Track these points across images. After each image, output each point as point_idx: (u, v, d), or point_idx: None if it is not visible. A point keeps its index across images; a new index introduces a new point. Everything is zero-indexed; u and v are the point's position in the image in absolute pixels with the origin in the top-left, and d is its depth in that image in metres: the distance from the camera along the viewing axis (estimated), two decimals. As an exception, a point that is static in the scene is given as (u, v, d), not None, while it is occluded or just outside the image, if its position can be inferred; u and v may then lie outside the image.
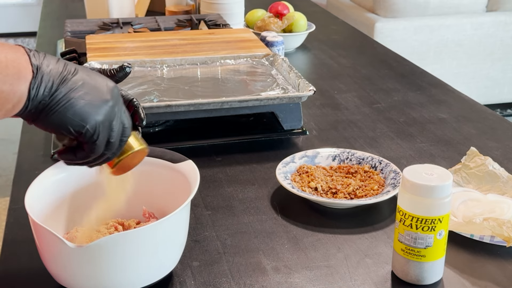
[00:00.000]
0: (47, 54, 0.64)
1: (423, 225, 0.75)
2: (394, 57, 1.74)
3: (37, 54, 0.63)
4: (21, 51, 0.62)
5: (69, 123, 0.63)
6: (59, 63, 0.63)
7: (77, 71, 0.64)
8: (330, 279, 0.80)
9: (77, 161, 0.69)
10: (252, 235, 0.89)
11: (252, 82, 1.25)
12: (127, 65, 0.76)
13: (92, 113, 0.64)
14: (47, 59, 0.63)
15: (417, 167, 0.77)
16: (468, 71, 3.24)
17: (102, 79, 0.67)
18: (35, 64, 0.61)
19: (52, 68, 0.62)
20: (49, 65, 0.62)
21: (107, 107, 0.65)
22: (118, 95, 0.68)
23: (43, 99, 0.62)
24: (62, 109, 0.62)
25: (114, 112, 0.66)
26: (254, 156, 1.13)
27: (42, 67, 0.62)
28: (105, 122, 0.65)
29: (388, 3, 3.10)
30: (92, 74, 0.66)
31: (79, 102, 0.63)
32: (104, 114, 0.65)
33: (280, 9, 1.84)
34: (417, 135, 1.22)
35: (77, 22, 1.79)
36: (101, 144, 0.66)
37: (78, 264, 0.70)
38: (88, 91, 0.64)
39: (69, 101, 0.63)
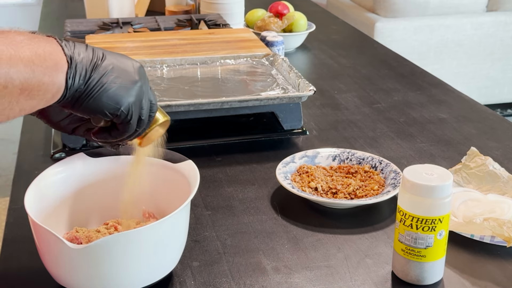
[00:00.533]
0: (76, 43, 0.66)
1: (423, 225, 0.75)
2: (394, 57, 1.74)
3: (68, 44, 0.65)
4: (55, 42, 0.64)
5: (105, 107, 0.66)
6: (88, 50, 0.66)
7: (105, 56, 0.67)
8: (330, 279, 0.80)
9: (111, 140, 0.72)
10: (252, 235, 0.89)
11: (252, 82, 1.25)
12: None
13: (125, 95, 0.67)
14: (77, 48, 0.65)
15: (417, 167, 0.77)
16: (468, 71, 3.24)
17: (128, 60, 0.69)
18: (69, 54, 0.64)
19: (83, 56, 0.65)
20: (80, 53, 0.65)
21: (137, 87, 0.68)
22: (144, 74, 0.70)
23: (79, 87, 0.64)
24: (97, 94, 0.65)
25: (143, 91, 0.69)
26: (254, 156, 1.13)
27: (75, 57, 0.64)
28: (136, 102, 0.68)
29: (388, 3, 3.10)
30: (119, 56, 0.69)
31: (112, 86, 0.66)
32: (135, 95, 0.68)
33: (280, 9, 1.84)
34: (417, 135, 1.22)
35: (77, 22, 1.79)
36: (134, 122, 0.70)
37: (78, 264, 0.70)
38: (118, 74, 0.67)
39: (102, 86, 0.65)
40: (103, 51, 0.68)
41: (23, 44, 0.60)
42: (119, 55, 0.69)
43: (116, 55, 0.69)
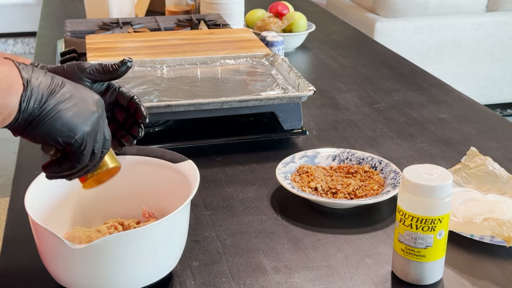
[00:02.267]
0: (34, 68, 0.65)
1: (423, 225, 0.75)
2: (394, 57, 1.74)
3: (26, 67, 0.64)
4: (11, 65, 0.63)
5: (58, 134, 0.65)
6: (47, 76, 0.65)
7: (64, 84, 0.66)
8: (330, 279, 0.80)
9: (62, 173, 0.70)
10: (252, 235, 0.89)
11: (252, 82, 1.25)
12: (128, 59, 0.76)
13: (80, 123, 0.65)
14: (35, 73, 0.64)
15: (417, 167, 0.77)
16: (468, 71, 3.24)
17: (87, 91, 0.68)
18: (25, 77, 0.62)
19: (41, 81, 0.64)
20: (38, 78, 0.64)
21: (94, 118, 0.66)
22: (103, 107, 0.69)
23: (33, 111, 0.63)
24: (51, 120, 0.64)
25: (100, 123, 0.67)
26: (254, 156, 1.13)
27: (32, 80, 0.63)
28: (92, 133, 0.67)
29: (388, 3, 3.10)
30: (78, 86, 0.67)
31: (68, 113, 0.64)
32: (91, 125, 0.66)
33: (280, 9, 1.84)
34: (417, 135, 1.22)
35: (77, 22, 1.79)
36: (87, 154, 0.67)
37: (78, 264, 0.70)
38: (76, 102, 0.65)
39: (58, 112, 0.64)
40: (63, 79, 0.66)
41: None
42: (79, 85, 0.68)
43: (76, 85, 0.67)
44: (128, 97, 0.78)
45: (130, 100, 0.78)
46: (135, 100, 0.78)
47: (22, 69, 0.63)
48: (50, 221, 0.78)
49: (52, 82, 0.65)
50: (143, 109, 0.78)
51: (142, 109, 0.78)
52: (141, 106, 0.78)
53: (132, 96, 0.78)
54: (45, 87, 0.64)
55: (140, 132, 0.79)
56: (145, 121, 0.78)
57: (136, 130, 0.78)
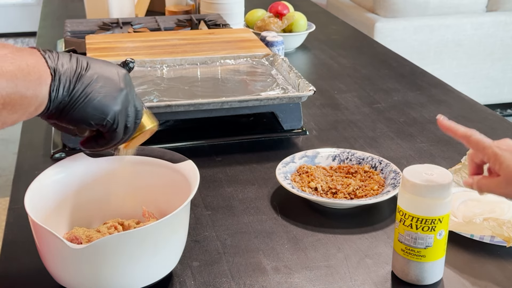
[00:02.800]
0: (59, 53, 0.66)
1: (423, 225, 0.75)
2: (394, 57, 1.74)
3: (51, 55, 0.65)
4: (38, 55, 0.63)
5: (90, 117, 0.66)
6: (72, 61, 0.66)
7: (90, 65, 0.66)
8: (330, 279, 0.80)
9: (99, 148, 0.72)
10: (252, 235, 0.89)
11: (252, 82, 1.25)
12: (130, 60, 0.77)
13: (110, 104, 0.67)
14: (61, 59, 0.65)
15: (417, 167, 0.77)
16: (468, 71, 3.24)
17: (114, 68, 0.69)
18: (52, 66, 0.63)
19: (67, 67, 0.65)
20: (63, 64, 0.64)
21: (122, 95, 0.68)
22: (130, 82, 0.71)
23: (63, 99, 0.64)
24: (81, 105, 0.65)
25: (128, 99, 0.69)
26: (254, 156, 1.13)
27: (58, 68, 0.64)
28: (122, 111, 0.68)
29: (388, 3, 3.10)
30: (104, 64, 0.68)
31: (97, 96, 0.66)
32: (120, 103, 0.68)
33: (280, 9, 1.84)
34: (417, 135, 1.22)
35: (77, 22, 1.79)
36: (121, 130, 0.70)
37: (78, 264, 0.70)
38: (103, 83, 0.67)
39: (87, 96, 0.65)
40: (88, 59, 0.67)
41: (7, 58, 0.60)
42: (104, 62, 0.69)
43: (101, 63, 0.68)
44: None
45: None
46: None
47: (48, 58, 0.64)
48: (50, 221, 0.77)
49: (78, 65, 0.66)
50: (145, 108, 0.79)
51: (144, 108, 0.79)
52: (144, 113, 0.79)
53: None
54: (71, 73, 0.65)
55: None
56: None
57: None
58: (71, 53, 0.67)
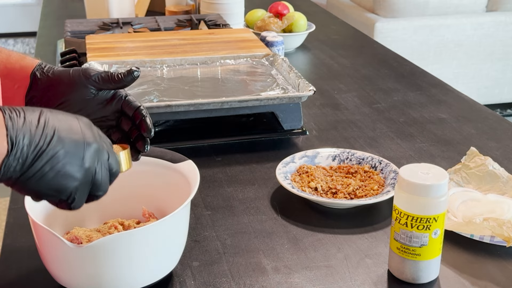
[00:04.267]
0: (26, 113, 0.57)
1: (418, 224, 0.75)
2: (394, 57, 1.74)
3: (16, 119, 0.56)
4: (1, 132, 0.55)
5: (42, 194, 0.59)
6: (38, 130, 0.57)
7: (55, 135, 0.58)
8: (330, 279, 0.80)
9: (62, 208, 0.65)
10: (252, 235, 0.89)
11: (252, 82, 1.25)
12: (135, 69, 0.74)
13: (68, 181, 0.59)
14: (26, 125, 0.56)
15: (413, 166, 0.77)
16: (468, 71, 3.24)
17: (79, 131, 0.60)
18: (12, 137, 0.55)
19: (29, 140, 0.56)
20: (25, 134, 0.56)
21: (84, 169, 0.60)
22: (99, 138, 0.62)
23: (13, 175, 0.56)
24: (34, 183, 0.57)
25: (91, 172, 0.61)
26: (254, 156, 1.13)
27: (18, 141, 0.55)
28: (83, 185, 0.61)
29: (388, 3, 3.10)
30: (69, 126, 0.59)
31: (53, 173, 0.58)
32: (80, 179, 0.60)
33: (280, 9, 1.84)
34: (417, 135, 1.22)
35: (77, 22, 1.79)
36: (81, 201, 0.62)
37: (78, 264, 0.70)
38: (64, 156, 0.58)
39: (43, 175, 0.57)
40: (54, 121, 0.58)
41: None
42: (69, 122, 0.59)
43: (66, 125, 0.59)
44: (134, 107, 0.76)
45: (136, 111, 0.76)
46: (141, 111, 0.76)
47: (10, 125, 0.55)
48: (50, 221, 0.78)
49: (42, 137, 0.57)
50: (148, 121, 0.75)
51: (148, 121, 0.75)
52: (146, 118, 0.75)
53: (138, 107, 0.76)
54: (32, 149, 0.56)
55: (146, 147, 0.76)
56: (150, 135, 0.75)
57: (141, 144, 0.76)
58: (39, 114, 0.58)
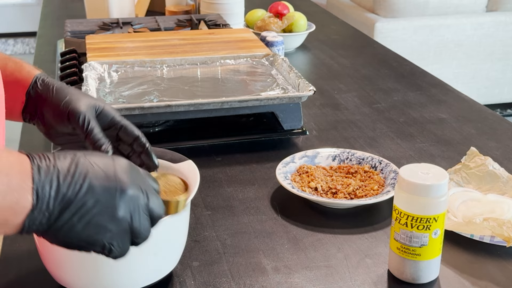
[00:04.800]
0: (57, 161, 0.53)
1: (418, 224, 0.75)
2: (394, 57, 1.74)
3: (44, 169, 0.52)
4: (26, 169, 0.51)
5: (75, 246, 0.56)
6: (67, 177, 0.53)
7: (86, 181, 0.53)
8: (330, 279, 0.80)
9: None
10: (252, 235, 0.89)
11: (252, 82, 1.25)
12: (108, 150, 0.73)
13: (99, 234, 0.55)
14: (54, 174, 0.52)
15: (413, 166, 0.77)
16: (468, 71, 3.24)
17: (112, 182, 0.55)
18: (38, 190, 0.51)
19: (56, 190, 0.52)
20: (53, 184, 0.52)
21: (116, 220, 0.55)
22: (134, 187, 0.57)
23: (41, 228, 0.53)
24: (63, 235, 0.54)
25: (126, 220, 0.57)
26: (254, 156, 1.13)
27: (44, 193, 0.51)
28: (119, 234, 0.57)
29: (388, 3, 3.10)
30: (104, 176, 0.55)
31: (82, 225, 0.54)
32: (113, 230, 0.56)
33: (280, 9, 1.84)
34: (417, 135, 1.22)
35: (77, 22, 1.79)
36: (122, 250, 0.59)
37: (78, 264, 0.70)
38: (95, 209, 0.54)
39: (71, 227, 0.54)
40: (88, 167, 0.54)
41: None
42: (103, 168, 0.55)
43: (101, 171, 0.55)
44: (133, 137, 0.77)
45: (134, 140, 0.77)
46: (141, 142, 0.77)
47: (35, 176, 0.51)
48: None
49: (71, 186, 0.53)
50: (153, 157, 0.77)
51: (153, 157, 0.77)
52: (152, 155, 0.76)
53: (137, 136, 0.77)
54: (60, 199, 0.52)
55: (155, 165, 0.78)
56: (156, 169, 0.76)
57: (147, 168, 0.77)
58: (71, 161, 0.54)
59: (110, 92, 1.18)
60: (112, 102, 1.13)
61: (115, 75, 1.26)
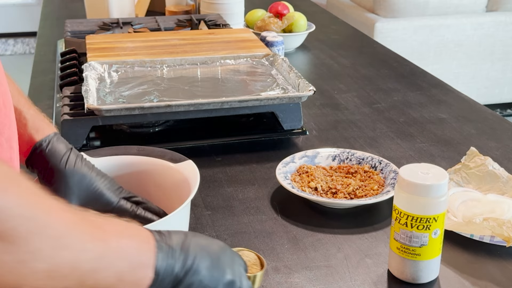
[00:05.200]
0: (173, 240, 0.57)
1: (418, 224, 0.75)
2: (394, 57, 1.74)
3: (164, 247, 0.55)
4: (152, 245, 0.55)
5: None
6: (179, 256, 0.56)
7: (195, 261, 0.57)
8: (330, 279, 0.80)
9: None
10: (252, 235, 0.89)
11: (252, 82, 1.25)
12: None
13: None
14: (169, 253, 0.56)
15: (413, 166, 0.77)
16: (468, 71, 3.24)
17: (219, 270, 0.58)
18: (158, 269, 0.54)
19: (171, 268, 0.55)
20: (169, 262, 0.55)
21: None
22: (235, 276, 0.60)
23: None
24: None
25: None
26: (254, 156, 1.13)
27: (162, 271, 0.55)
28: None
29: (388, 3, 3.10)
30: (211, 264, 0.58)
31: None
32: None
33: (280, 9, 1.84)
34: (417, 135, 1.22)
35: (77, 22, 1.79)
36: None
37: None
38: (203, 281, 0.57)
39: None
40: (196, 254, 0.57)
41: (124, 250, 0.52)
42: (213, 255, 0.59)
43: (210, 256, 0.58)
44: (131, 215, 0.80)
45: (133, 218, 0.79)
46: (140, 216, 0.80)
47: (158, 256, 0.54)
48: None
49: (183, 266, 0.56)
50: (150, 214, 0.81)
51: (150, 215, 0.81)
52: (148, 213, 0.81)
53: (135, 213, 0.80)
54: (173, 277, 0.55)
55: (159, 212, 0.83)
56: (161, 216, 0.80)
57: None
58: (183, 242, 0.57)
59: (110, 92, 1.18)
60: (112, 102, 1.13)
61: (115, 75, 1.26)
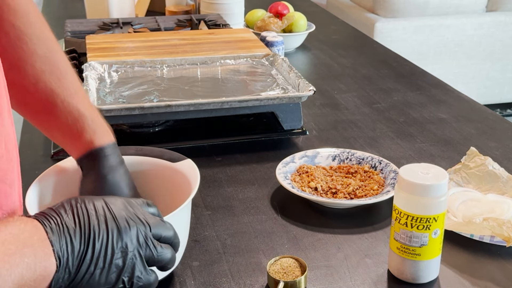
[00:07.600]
0: (63, 218, 0.57)
1: (418, 224, 0.75)
2: (394, 57, 1.74)
3: (55, 229, 0.55)
4: (42, 234, 0.54)
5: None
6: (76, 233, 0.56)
7: (92, 230, 0.57)
8: (330, 279, 0.80)
9: None
10: (252, 235, 0.89)
11: (252, 82, 1.25)
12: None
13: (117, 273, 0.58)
14: (65, 232, 0.56)
15: (413, 166, 0.77)
16: (468, 71, 3.24)
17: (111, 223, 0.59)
18: (58, 252, 0.55)
19: (71, 247, 0.56)
20: (67, 242, 0.55)
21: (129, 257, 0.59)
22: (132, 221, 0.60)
23: (63, 284, 0.56)
24: (85, 285, 0.57)
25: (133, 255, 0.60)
26: (254, 156, 1.13)
27: (63, 252, 0.55)
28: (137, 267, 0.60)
29: (388, 3, 3.10)
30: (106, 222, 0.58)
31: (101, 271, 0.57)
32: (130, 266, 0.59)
33: (280, 9, 1.84)
34: (417, 135, 1.22)
35: (77, 22, 1.79)
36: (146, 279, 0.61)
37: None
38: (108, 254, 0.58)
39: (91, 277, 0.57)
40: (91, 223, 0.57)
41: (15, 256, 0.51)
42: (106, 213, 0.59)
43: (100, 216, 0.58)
44: None
45: None
46: None
47: (52, 238, 0.54)
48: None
49: (81, 239, 0.56)
50: None
51: None
52: None
53: None
54: (76, 254, 0.56)
55: None
56: None
57: None
58: (74, 215, 0.57)
59: (110, 92, 1.18)
60: (112, 102, 1.13)
61: (115, 75, 1.26)
